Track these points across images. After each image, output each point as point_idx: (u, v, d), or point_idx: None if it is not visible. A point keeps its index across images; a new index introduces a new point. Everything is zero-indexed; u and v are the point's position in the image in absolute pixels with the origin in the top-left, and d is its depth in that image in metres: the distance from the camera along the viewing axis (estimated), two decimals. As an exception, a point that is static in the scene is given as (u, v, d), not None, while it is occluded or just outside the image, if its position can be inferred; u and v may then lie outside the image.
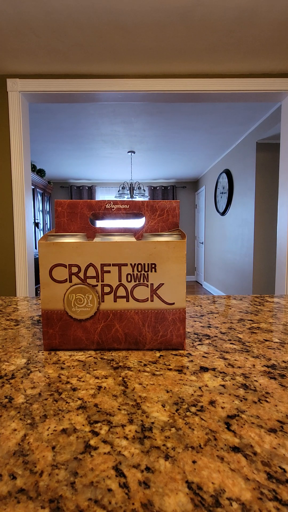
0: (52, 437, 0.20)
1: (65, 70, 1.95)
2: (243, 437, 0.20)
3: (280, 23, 1.56)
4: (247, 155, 3.23)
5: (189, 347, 0.36)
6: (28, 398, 0.25)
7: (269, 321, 0.47)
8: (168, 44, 1.71)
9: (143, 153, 3.97)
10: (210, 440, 0.20)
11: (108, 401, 0.24)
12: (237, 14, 1.49)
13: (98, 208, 0.40)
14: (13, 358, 0.33)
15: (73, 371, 0.29)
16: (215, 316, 0.50)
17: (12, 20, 1.52)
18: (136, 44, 1.70)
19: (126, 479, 0.16)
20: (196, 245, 5.88)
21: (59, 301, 0.34)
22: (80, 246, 0.33)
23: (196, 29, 1.59)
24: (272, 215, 3.04)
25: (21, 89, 1.98)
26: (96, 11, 1.46)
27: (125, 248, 0.33)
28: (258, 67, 1.94)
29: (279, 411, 0.23)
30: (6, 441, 0.19)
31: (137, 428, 0.21)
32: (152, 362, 0.31)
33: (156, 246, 0.33)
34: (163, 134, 3.27)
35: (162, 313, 0.34)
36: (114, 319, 0.34)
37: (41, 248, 0.33)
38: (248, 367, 0.30)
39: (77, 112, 2.67)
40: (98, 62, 1.87)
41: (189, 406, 0.23)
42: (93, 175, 5.26)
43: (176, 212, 0.41)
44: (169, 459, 0.18)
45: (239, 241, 3.51)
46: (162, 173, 5.15)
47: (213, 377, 0.28)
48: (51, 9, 1.45)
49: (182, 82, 1.99)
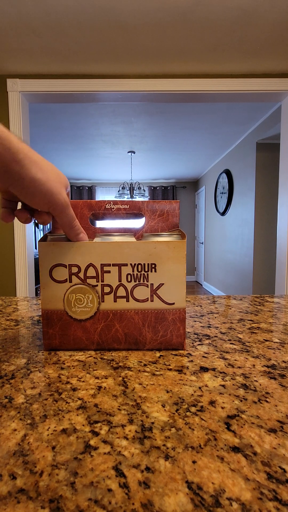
0: (52, 437, 0.20)
1: (65, 70, 1.95)
2: (243, 437, 0.20)
3: (281, 23, 1.56)
4: (247, 155, 3.23)
5: (189, 347, 0.36)
6: (28, 398, 0.25)
7: (269, 321, 0.47)
8: (168, 44, 1.71)
9: (143, 153, 3.97)
10: (210, 440, 0.20)
11: (108, 401, 0.24)
12: (238, 14, 1.49)
13: (98, 208, 0.40)
14: (13, 358, 0.33)
15: (73, 371, 0.29)
16: (215, 316, 0.50)
17: (12, 20, 1.52)
18: (136, 44, 1.70)
19: (126, 479, 0.16)
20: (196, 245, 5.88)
21: (59, 301, 0.34)
22: (80, 246, 0.33)
23: (196, 29, 1.59)
24: (272, 215, 3.04)
25: (21, 89, 1.98)
26: (96, 11, 1.46)
27: (125, 248, 0.33)
28: (258, 67, 1.94)
29: (279, 411, 0.23)
30: (6, 441, 0.19)
31: (137, 428, 0.21)
32: (152, 362, 0.31)
33: (156, 246, 0.33)
34: (163, 134, 3.27)
35: (162, 313, 0.34)
36: (114, 319, 0.34)
37: (41, 248, 0.33)
38: (248, 367, 0.30)
39: (77, 112, 2.67)
40: (98, 62, 1.87)
41: (189, 406, 0.23)
42: (93, 175, 5.26)
43: (176, 212, 0.41)
44: (169, 459, 0.18)
45: (239, 241, 3.51)
46: (162, 173, 5.15)
47: (213, 377, 0.28)
48: (51, 9, 1.45)
49: (182, 82, 1.99)
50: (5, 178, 0.26)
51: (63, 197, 0.30)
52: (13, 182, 0.26)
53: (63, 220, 0.31)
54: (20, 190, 0.27)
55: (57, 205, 0.29)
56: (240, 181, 3.46)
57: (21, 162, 0.25)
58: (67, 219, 0.31)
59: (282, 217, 2.13)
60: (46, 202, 0.28)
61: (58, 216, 0.31)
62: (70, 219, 0.32)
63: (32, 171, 0.26)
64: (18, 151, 0.25)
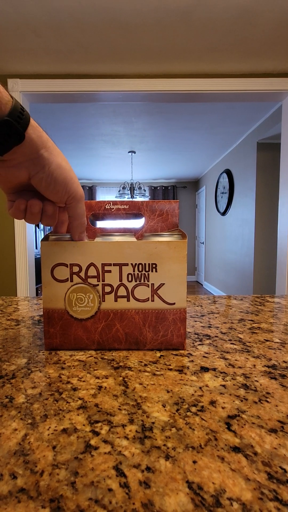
0: (52, 437, 0.20)
1: (66, 70, 1.95)
2: (243, 437, 0.20)
3: (281, 22, 1.56)
4: (247, 155, 3.23)
5: (190, 347, 0.36)
6: (28, 398, 0.25)
7: (269, 321, 0.47)
8: (169, 44, 1.71)
9: (143, 153, 3.97)
10: (211, 440, 0.20)
11: (108, 401, 0.24)
12: (238, 13, 1.49)
13: (97, 208, 0.40)
14: (14, 358, 0.33)
15: (73, 371, 0.29)
16: (216, 316, 0.50)
17: (13, 20, 1.52)
18: (137, 43, 1.70)
19: (127, 479, 0.16)
20: (196, 245, 5.87)
21: (60, 300, 0.34)
22: (82, 245, 0.33)
23: (196, 28, 1.59)
24: (273, 215, 3.04)
25: (22, 89, 1.98)
26: (96, 10, 1.46)
27: (126, 248, 0.33)
28: (258, 66, 1.94)
29: (279, 411, 0.23)
30: (6, 441, 0.20)
31: (138, 428, 0.21)
32: (153, 362, 0.31)
33: (157, 246, 0.33)
34: (164, 134, 3.27)
35: (163, 313, 0.34)
36: (115, 318, 0.34)
37: (43, 247, 0.33)
38: (249, 367, 0.30)
39: (78, 112, 2.67)
40: (99, 62, 1.87)
41: (190, 406, 0.23)
42: (93, 175, 5.26)
43: (175, 212, 0.41)
44: (169, 459, 0.18)
45: (239, 241, 3.51)
46: (163, 173, 5.15)
47: (214, 377, 0.28)
48: (52, 9, 1.45)
49: (183, 82, 1.99)
50: (34, 165, 0.27)
51: (81, 189, 0.32)
52: (40, 168, 0.28)
53: (77, 211, 0.32)
54: (45, 177, 0.28)
55: (76, 194, 0.31)
56: (240, 181, 3.46)
57: (49, 149, 0.28)
58: (81, 211, 0.33)
59: (282, 217, 2.13)
60: (67, 190, 0.30)
61: (74, 206, 0.32)
62: (82, 213, 0.33)
63: (59, 158, 0.28)
64: (47, 139, 0.28)
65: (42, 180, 0.28)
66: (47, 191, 0.29)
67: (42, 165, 0.27)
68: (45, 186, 0.29)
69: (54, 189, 0.29)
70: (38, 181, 0.29)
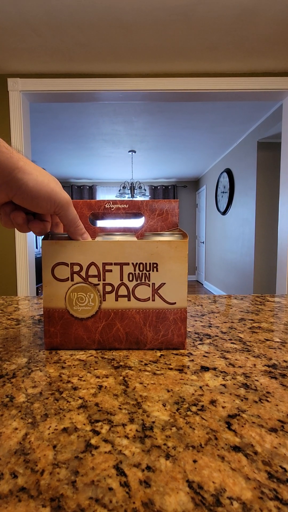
0: (53, 436, 0.20)
1: (66, 69, 1.95)
2: (243, 436, 0.20)
3: (281, 21, 1.55)
4: (248, 154, 3.23)
5: (190, 347, 0.36)
6: (29, 397, 0.25)
7: (270, 320, 0.47)
8: (169, 43, 1.70)
9: (144, 152, 3.96)
10: (211, 439, 0.20)
11: (109, 400, 0.24)
12: (238, 12, 1.49)
13: (97, 208, 0.40)
14: (14, 357, 0.33)
15: (74, 370, 0.30)
16: (216, 316, 0.50)
17: (13, 19, 1.52)
18: (137, 43, 1.70)
19: (127, 478, 0.16)
20: (197, 245, 5.87)
21: (61, 299, 0.34)
22: (82, 244, 0.33)
23: (197, 28, 1.58)
24: (273, 215, 3.03)
25: (22, 89, 1.98)
26: (97, 10, 1.46)
27: (127, 247, 0.33)
28: (259, 66, 1.93)
29: (280, 410, 0.23)
30: (7, 440, 0.20)
31: (138, 427, 0.21)
32: (153, 361, 0.31)
33: (158, 245, 0.33)
34: (164, 133, 3.26)
35: (163, 312, 0.34)
36: (116, 318, 0.34)
37: (44, 246, 0.33)
38: (249, 367, 0.30)
39: (78, 111, 2.67)
40: (99, 61, 1.87)
41: (190, 405, 0.23)
42: (94, 175, 5.26)
43: (175, 211, 0.41)
44: (169, 458, 0.18)
45: (240, 241, 3.50)
46: (163, 172, 5.14)
47: (214, 377, 0.28)
48: (52, 8, 1.45)
49: (183, 81, 1.99)
50: (10, 188, 0.27)
51: (66, 194, 0.31)
52: (17, 189, 0.27)
53: (68, 218, 0.32)
54: (25, 196, 0.28)
55: (62, 203, 0.30)
56: (241, 181, 3.45)
57: (22, 168, 0.27)
58: (72, 216, 0.32)
59: (283, 216, 2.12)
60: (52, 202, 0.29)
61: (64, 214, 0.31)
62: (74, 217, 0.32)
63: (34, 175, 0.28)
64: (19, 159, 0.27)
65: (23, 200, 0.28)
66: (32, 207, 0.29)
67: (18, 186, 0.27)
68: (28, 204, 0.29)
69: (38, 205, 0.29)
70: (20, 201, 0.28)
